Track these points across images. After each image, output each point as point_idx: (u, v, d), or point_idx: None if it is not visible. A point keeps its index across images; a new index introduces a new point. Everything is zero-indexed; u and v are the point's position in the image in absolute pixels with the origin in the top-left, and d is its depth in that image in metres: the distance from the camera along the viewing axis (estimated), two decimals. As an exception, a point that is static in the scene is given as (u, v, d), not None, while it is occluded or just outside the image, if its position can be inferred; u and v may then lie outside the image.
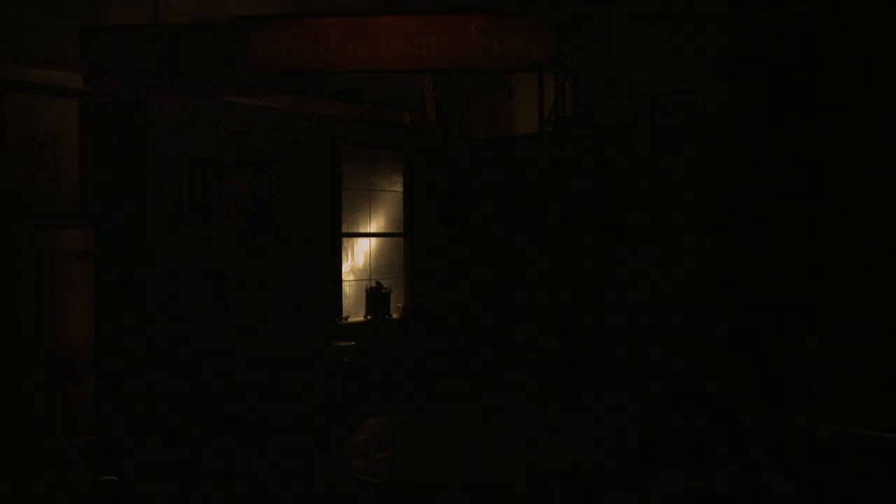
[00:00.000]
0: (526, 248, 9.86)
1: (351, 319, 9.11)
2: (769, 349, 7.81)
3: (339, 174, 8.98)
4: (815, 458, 6.75)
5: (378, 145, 9.62)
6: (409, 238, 9.83)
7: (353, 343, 8.50)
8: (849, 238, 7.45)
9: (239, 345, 7.75)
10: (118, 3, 8.30)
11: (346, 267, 9.30)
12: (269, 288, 8.09)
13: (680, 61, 8.98)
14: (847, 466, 6.50)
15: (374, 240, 9.75)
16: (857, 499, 5.76)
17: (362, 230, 9.61)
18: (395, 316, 9.61)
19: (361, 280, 9.56)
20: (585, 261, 9.22)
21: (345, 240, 9.25)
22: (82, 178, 6.74)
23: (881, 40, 7.32)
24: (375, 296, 9.34)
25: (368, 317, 9.34)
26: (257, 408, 7.77)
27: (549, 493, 5.97)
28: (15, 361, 6.06)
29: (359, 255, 9.65)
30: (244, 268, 7.89)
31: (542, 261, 9.67)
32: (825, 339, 7.49)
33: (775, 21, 7.96)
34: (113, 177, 6.91)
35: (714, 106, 8.53)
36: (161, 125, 7.29)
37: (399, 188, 9.89)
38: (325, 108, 9.14)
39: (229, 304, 7.72)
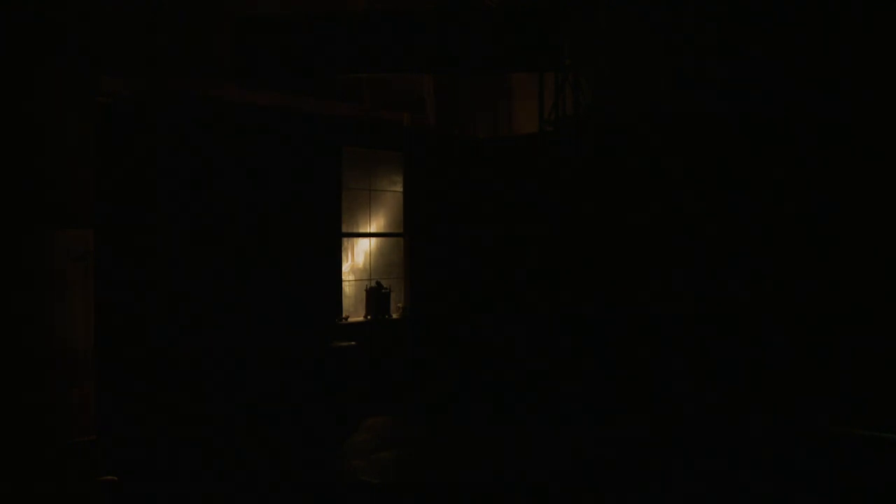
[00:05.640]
0: (526, 246, 9.85)
1: (351, 319, 9.11)
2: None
3: (339, 174, 8.99)
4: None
5: (378, 145, 9.62)
6: (409, 238, 9.83)
7: (353, 343, 8.50)
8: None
9: (238, 345, 7.76)
10: None
11: (346, 267, 9.30)
12: (268, 288, 8.10)
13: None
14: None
15: (374, 240, 9.75)
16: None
17: (362, 230, 9.61)
18: (395, 316, 9.61)
19: (361, 280, 9.56)
20: (588, 257, 9.22)
21: (345, 240, 9.25)
22: (83, 177, 6.73)
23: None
24: (375, 296, 9.34)
25: (368, 317, 9.34)
26: (257, 408, 7.77)
27: (550, 492, 5.96)
28: (14, 361, 6.06)
29: (359, 255, 9.65)
30: (243, 268, 7.89)
31: (543, 259, 9.66)
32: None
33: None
34: (114, 176, 6.93)
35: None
36: (162, 125, 7.30)
37: (399, 188, 9.89)
38: (325, 108, 9.14)
39: (229, 305, 7.73)
